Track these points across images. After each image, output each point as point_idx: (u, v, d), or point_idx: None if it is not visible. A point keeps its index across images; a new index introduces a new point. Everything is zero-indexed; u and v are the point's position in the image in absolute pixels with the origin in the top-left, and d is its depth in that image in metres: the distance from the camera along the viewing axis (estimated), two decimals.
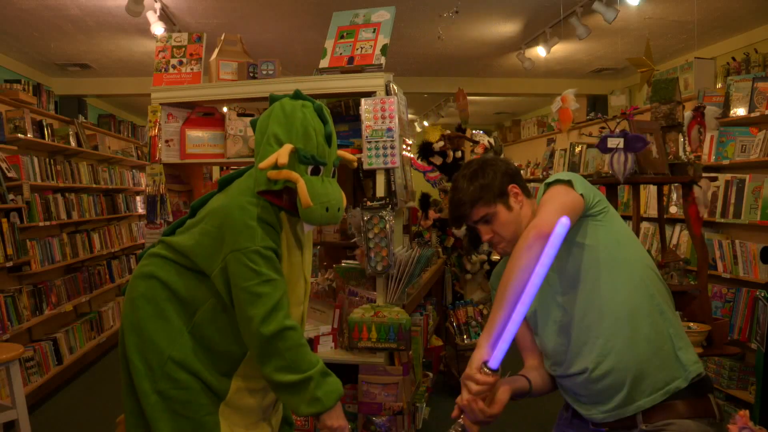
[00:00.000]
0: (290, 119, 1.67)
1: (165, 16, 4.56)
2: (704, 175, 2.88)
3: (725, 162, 4.08)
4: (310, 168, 1.67)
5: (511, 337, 1.36)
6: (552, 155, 7.57)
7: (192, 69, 3.03)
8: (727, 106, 4.17)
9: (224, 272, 1.61)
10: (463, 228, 4.73)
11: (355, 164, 1.92)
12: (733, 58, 4.79)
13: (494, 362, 1.38)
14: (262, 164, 1.62)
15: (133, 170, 7.18)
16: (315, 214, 1.65)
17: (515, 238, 1.56)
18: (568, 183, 1.53)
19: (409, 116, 5.80)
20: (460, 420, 1.43)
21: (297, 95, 1.73)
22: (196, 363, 1.65)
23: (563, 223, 1.31)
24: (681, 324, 1.58)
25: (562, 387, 1.63)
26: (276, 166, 1.61)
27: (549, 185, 1.56)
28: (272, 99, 1.75)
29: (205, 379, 1.66)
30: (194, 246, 1.67)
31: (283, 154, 1.60)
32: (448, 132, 5.06)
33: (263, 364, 1.59)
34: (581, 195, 1.52)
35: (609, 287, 1.50)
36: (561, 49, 5.55)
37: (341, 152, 1.83)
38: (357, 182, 3.47)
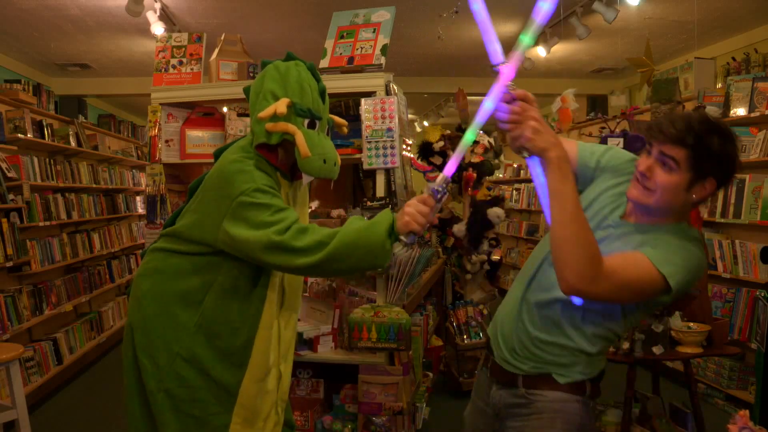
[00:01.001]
0: (285, 76, 1.69)
1: (165, 16, 4.56)
2: None
3: None
4: (306, 121, 1.68)
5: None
6: None
7: (192, 69, 3.03)
8: (727, 106, 4.17)
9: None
10: (463, 228, 4.73)
11: (345, 130, 1.92)
12: (733, 58, 4.79)
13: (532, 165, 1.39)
14: (261, 114, 1.63)
15: (133, 170, 7.18)
16: (314, 164, 1.65)
17: (657, 208, 1.40)
18: (667, 282, 1.32)
19: (409, 116, 5.79)
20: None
21: (289, 57, 1.76)
22: (205, 357, 1.64)
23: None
24: None
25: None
26: (274, 118, 1.62)
27: (656, 252, 1.34)
28: (264, 63, 1.77)
29: (215, 375, 1.65)
30: (194, 222, 1.66)
31: (281, 105, 1.62)
32: (448, 132, 5.06)
33: (309, 264, 1.52)
34: (664, 280, 1.32)
35: None
36: (561, 49, 5.56)
37: (332, 116, 1.84)
38: (357, 182, 3.47)
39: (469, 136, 1.48)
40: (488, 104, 1.46)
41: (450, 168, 1.47)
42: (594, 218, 1.45)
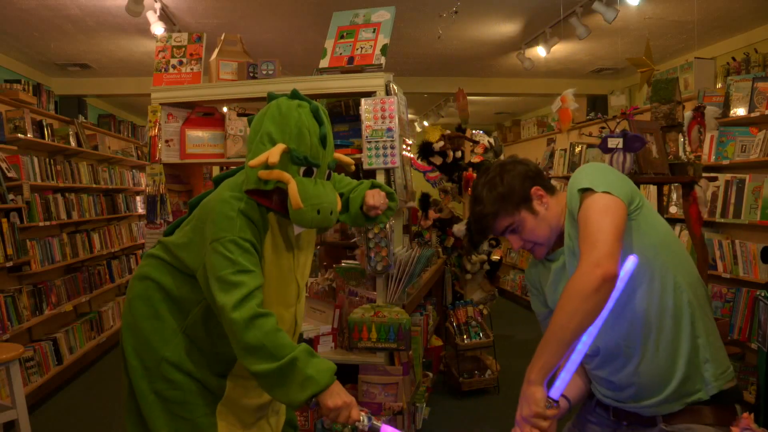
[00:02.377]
0: (285, 118, 1.64)
1: (165, 16, 4.56)
2: (704, 175, 2.88)
3: (725, 162, 4.08)
4: (302, 169, 1.62)
5: (574, 369, 1.36)
6: (552, 155, 7.57)
7: (192, 69, 3.03)
8: (727, 106, 4.17)
9: (204, 269, 1.59)
10: (463, 228, 4.73)
11: (353, 168, 1.89)
12: (733, 58, 4.79)
13: (556, 394, 1.39)
14: (253, 162, 1.58)
15: (133, 170, 7.18)
16: (306, 216, 1.60)
17: (549, 240, 1.53)
18: (606, 192, 1.40)
19: (409, 116, 5.80)
20: None
21: (294, 95, 1.70)
22: (190, 364, 1.65)
23: (633, 261, 1.26)
24: (714, 330, 1.50)
25: (590, 375, 1.62)
26: (267, 166, 1.58)
27: (583, 192, 1.44)
28: (270, 97, 1.72)
29: (200, 378, 1.66)
30: (185, 244, 1.67)
31: (274, 153, 1.56)
32: (448, 132, 5.06)
33: (243, 357, 1.51)
34: (622, 200, 1.41)
35: (642, 298, 1.44)
36: (561, 49, 5.55)
37: (338, 155, 1.79)
38: None
39: None
40: None
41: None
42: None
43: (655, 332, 1.44)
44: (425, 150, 4.88)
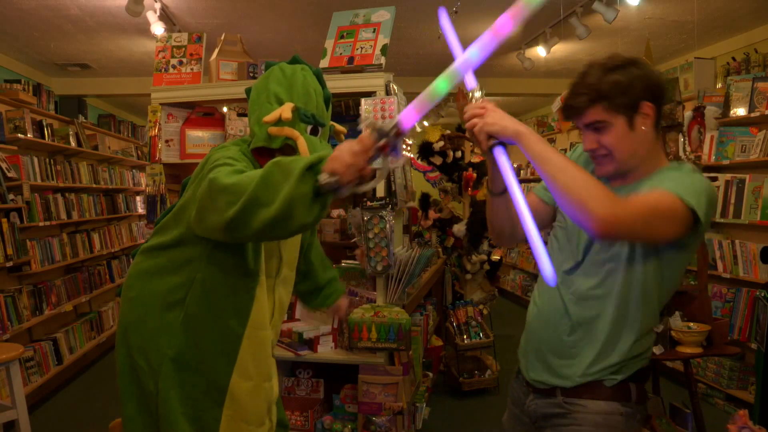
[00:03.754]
0: (291, 80, 1.67)
1: (165, 16, 4.56)
2: (704, 175, 2.88)
3: (725, 162, 4.08)
4: (309, 128, 1.66)
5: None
6: None
7: (192, 69, 3.04)
8: (727, 106, 4.17)
9: None
10: (463, 228, 4.74)
11: (343, 137, 1.90)
12: (733, 58, 4.79)
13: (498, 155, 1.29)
14: (267, 117, 1.60)
15: (133, 170, 7.18)
16: None
17: (624, 163, 1.39)
18: (691, 208, 1.30)
19: None
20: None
21: (295, 60, 1.74)
22: (192, 356, 1.64)
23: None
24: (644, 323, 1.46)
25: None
26: (278, 122, 1.60)
27: (676, 179, 1.33)
28: (268, 65, 1.75)
29: (204, 371, 1.64)
30: (180, 206, 1.64)
31: (286, 110, 1.60)
32: (448, 132, 5.06)
33: (228, 208, 1.30)
34: (693, 228, 1.32)
35: (617, 279, 1.41)
36: (561, 49, 5.55)
37: (332, 122, 1.82)
38: None
39: (441, 84, 1.22)
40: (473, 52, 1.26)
41: (408, 114, 1.20)
42: None
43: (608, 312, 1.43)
44: (425, 150, 4.88)
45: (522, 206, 1.14)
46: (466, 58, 1.22)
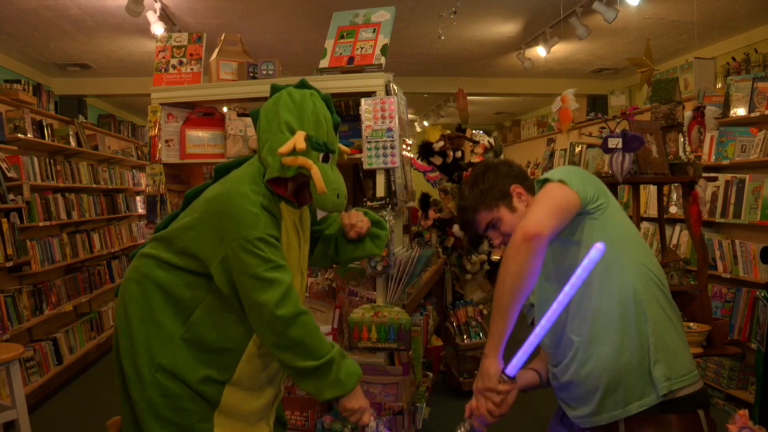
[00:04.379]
0: (301, 107, 1.66)
1: (165, 16, 4.56)
2: (704, 175, 2.89)
3: (725, 162, 4.08)
4: (321, 155, 1.66)
5: (532, 348, 1.37)
6: (552, 155, 7.57)
7: (192, 69, 3.03)
8: (727, 106, 4.17)
9: (225, 262, 1.57)
10: None
11: (345, 156, 1.93)
12: (733, 58, 4.79)
13: (512, 371, 1.42)
14: (282, 149, 1.60)
15: (133, 170, 7.18)
16: (328, 200, 1.66)
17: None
18: (561, 181, 1.47)
19: (409, 116, 5.80)
20: (469, 420, 1.55)
21: (303, 84, 1.73)
22: (186, 371, 1.61)
23: (598, 248, 1.26)
24: (672, 331, 1.49)
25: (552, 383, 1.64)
26: (292, 152, 1.60)
27: (542, 183, 1.52)
28: (275, 88, 1.74)
29: (195, 388, 1.62)
30: (192, 238, 1.62)
31: (299, 140, 1.60)
32: (448, 132, 5.06)
33: (281, 351, 1.57)
34: (576, 192, 1.46)
35: (598, 292, 1.46)
36: (561, 49, 5.55)
37: (339, 145, 1.82)
38: (357, 182, 3.47)
39: None
40: None
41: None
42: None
43: (609, 331, 1.45)
44: (425, 150, 4.87)
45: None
46: None
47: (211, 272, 1.60)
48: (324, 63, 2.80)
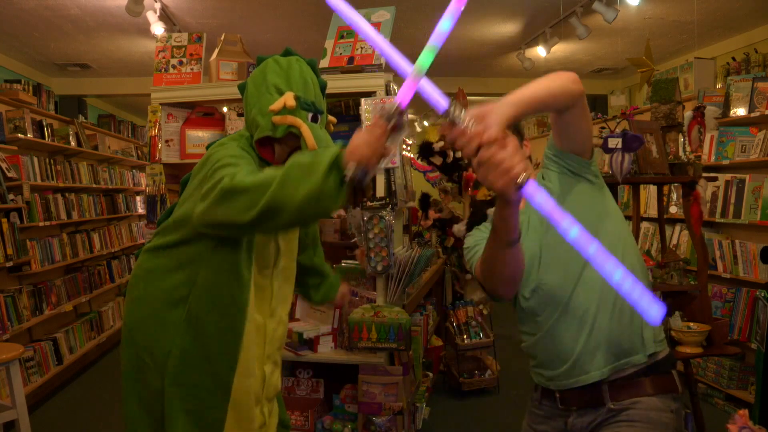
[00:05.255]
0: (287, 70, 1.69)
1: (165, 16, 4.56)
2: (704, 175, 2.89)
3: (725, 162, 4.08)
4: (310, 115, 1.68)
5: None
6: None
7: (192, 69, 3.03)
8: (727, 106, 4.17)
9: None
10: (463, 228, 4.73)
11: (332, 127, 1.93)
12: (733, 58, 4.80)
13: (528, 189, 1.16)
14: (273, 106, 1.62)
15: (133, 170, 7.18)
16: None
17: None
18: None
19: (409, 116, 5.79)
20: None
21: (288, 52, 1.77)
22: (196, 354, 1.64)
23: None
24: None
25: (533, 339, 1.59)
26: (282, 111, 1.62)
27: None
28: (260, 59, 1.78)
29: (208, 370, 1.65)
30: (185, 205, 1.64)
31: (289, 98, 1.62)
32: None
33: (240, 212, 1.37)
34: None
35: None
36: (561, 49, 5.56)
37: None
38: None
39: (424, 57, 1.25)
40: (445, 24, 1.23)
41: (403, 92, 1.22)
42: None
43: (607, 296, 1.46)
44: (425, 150, 4.87)
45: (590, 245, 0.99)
46: (440, 30, 1.25)
47: (194, 221, 1.55)
48: (324, 63, 2.80)
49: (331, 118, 1.90)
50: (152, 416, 1.68)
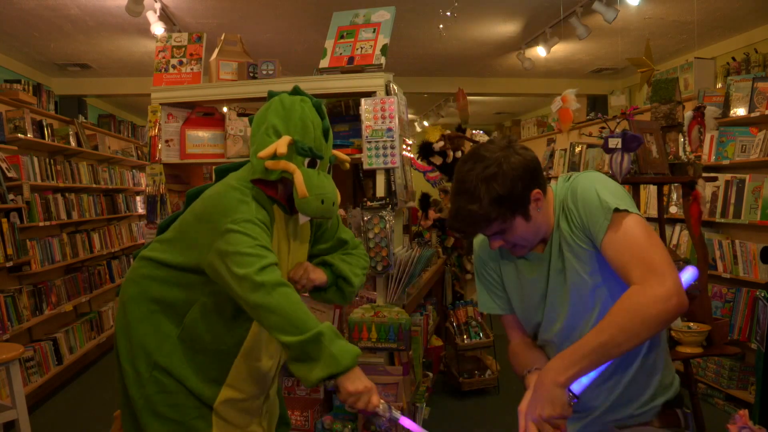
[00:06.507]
0: (289, 112, 1.67)
1: (165, 16, 4.56)
2: (704, 175, 2.89)
3: (725, 162, 4.08)
4: (307, 160, 1.65)
5: (599, 369, 1.34)
6: (552, 155, 7.57)
7: (192, 69, 3.03)
8: (727, 106, 4.17)
9: (217, 251, 1.55)
10: None
11: (348, 165, 1.90)
12: (733, 58, 4.80)
13: (578, 390, 1.35)
14: (262, 153, 1.60)
15: (133, 170, 7.18)
16: (311, 205, 1.62)
17: (533, 243, 1.45)
18: (637, 215, 1.35)
19: (409, 116, 5.80)
20: None
21: (296, 91, 1.74)
22: (182, 369, 1.64)
23: (692, 272, 1.29)
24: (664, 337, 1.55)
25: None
26: (274, 156, 1.60)
27: (616, 212, 1.34)
28: (271, 95, 1.75)
29: (191, 386, 1.65)
30: (189, 236, 1.64)
31: (282, 144, 1.59)
32: (448, 132, 5.06)
33: (269, 326, 1.47)
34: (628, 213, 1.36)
35: None
36: (561, 49, 5.55)
37: (335, 152, 1.82)
38: (357, 182, 3.47)
39: None
40: None
41: (409, 425, 1.49)
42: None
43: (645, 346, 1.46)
44: (425, 150, 4.87)
45: None
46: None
47: (203, 267, 1.60)
48: (324, 63, 2.80)
49: (344, 156, 1.87)
50: (136, 424, 1.69)
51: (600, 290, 1.41)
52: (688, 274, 1.41)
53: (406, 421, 1.49)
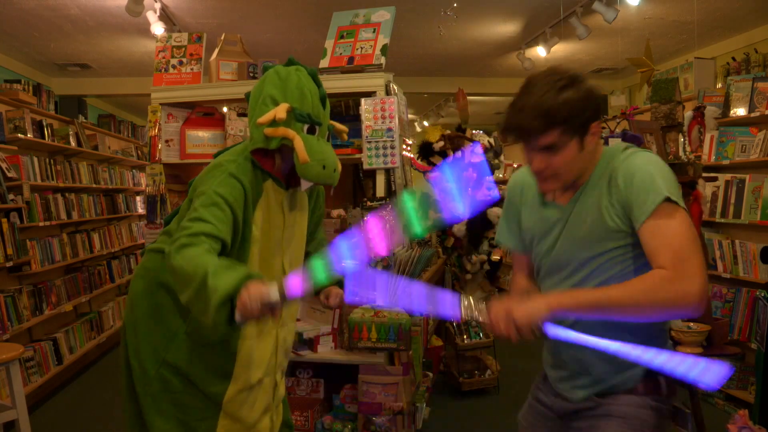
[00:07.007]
0: (285, 81, 1.68)
1: (165, 16, 4.56)
2: (704, 175, 2.89)
3: (725, 162, 4.08)
4: (306, 127, 1.66)
5: (585, 342, 1.32)
6: None
7: (192, 69, 3.04)
8: (727, 106, 4.17)
9: None
10: (464, 228, 4.73)
11: (346, 136, 1.91)
12: (733, 58, 4.79)
13: (552, 334, 1.33)
14: (261, 119, 1.61)
15: (133, 170, 7.18)
16: (312, 170, 1.62)
17: (569, 181, 1.40)
18: (679, 203, 1.31)
19: (409, 116, 5.80)
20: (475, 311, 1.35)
21: (290, 61, 1.75)
22: (189, 366, 1.65)
23: None
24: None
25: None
26: (273, 123, 1.61)
27: (668, 201, 1.30)
28: (265, 68, 1.77)
29: (200, 384, 1.65)
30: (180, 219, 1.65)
31: (280, 110, 1.60)
32: (448, 132, 5.06)
33: (178, 292, 1.47)
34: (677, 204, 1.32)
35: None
36: (561, 49, 5.56)
37: (332, 122, 1.82)
38: (357, 182, 3.47)
39: (320, 273, 1.36)
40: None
41: (294, 284, 1.35)
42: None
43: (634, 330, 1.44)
44: (425, 150, 4.87)
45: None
46: (347, 265, 1.36)
47: None
48: (324, 63, 2.80)
49: (341, 126, 1.87)
50: (140, 419, 1.69)
51: (595, 262, 1.41)
52: None
53: (291, 282, 1.37)
